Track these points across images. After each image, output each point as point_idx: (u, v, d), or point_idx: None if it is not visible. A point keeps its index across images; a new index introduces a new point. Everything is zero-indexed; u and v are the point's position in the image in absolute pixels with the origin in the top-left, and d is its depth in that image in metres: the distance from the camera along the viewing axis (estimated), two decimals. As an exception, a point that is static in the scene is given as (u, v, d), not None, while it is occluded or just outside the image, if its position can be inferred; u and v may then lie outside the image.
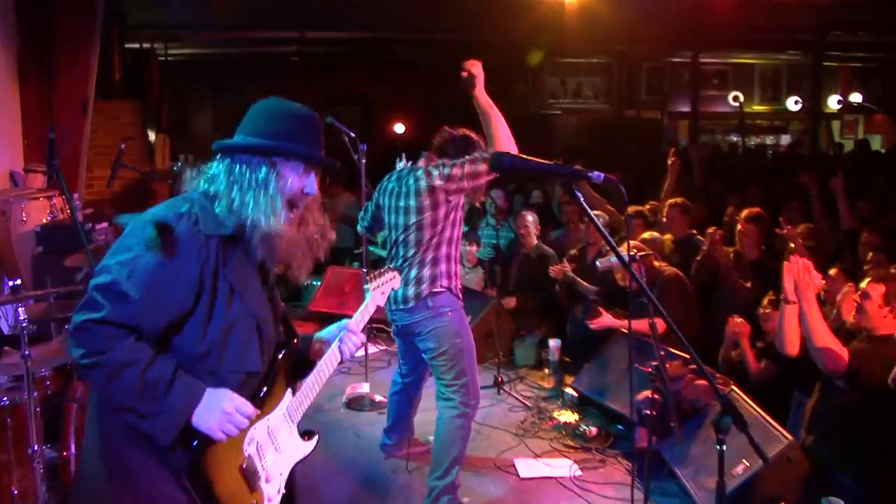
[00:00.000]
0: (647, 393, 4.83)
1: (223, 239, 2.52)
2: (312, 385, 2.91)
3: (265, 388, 2.71)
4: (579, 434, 5.67)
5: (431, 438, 5.17)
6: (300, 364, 2.94)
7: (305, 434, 2.91)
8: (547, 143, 18.33)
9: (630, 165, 12.28)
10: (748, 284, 6.40)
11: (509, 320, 7.56)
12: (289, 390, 2.84)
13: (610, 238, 2.63)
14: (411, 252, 4.70)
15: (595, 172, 2.45)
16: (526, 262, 8.05)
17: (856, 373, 4.14)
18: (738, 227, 6.72)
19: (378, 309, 3.22)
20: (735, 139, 20.32)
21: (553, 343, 7.02)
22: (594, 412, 6.07)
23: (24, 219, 6.76)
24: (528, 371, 7.23)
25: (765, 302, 5.67)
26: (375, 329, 8.03)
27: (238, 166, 2.57)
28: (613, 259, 4.96)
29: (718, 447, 2.50)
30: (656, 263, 6.46)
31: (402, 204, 4.72)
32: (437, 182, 4.55)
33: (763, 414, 4.60)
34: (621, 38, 16.81)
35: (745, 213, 6.74)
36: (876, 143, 19.52)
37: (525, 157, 2.47)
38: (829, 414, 4.39)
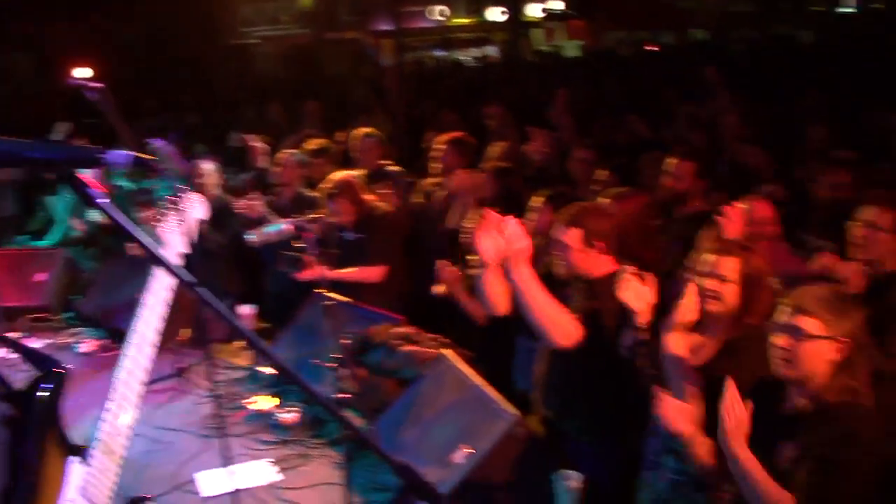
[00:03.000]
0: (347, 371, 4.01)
1: None
2: None
3: None
4: (275, 424, 4.61)
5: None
6: None
7: None
8: (244, 75, 16.94)
9: (329, 93, 11.28)
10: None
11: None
12: None
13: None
14: None
15: (117, 152, 1.30)
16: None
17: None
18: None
19: None
20: (440, 54, 19.92)
21: (244, 310, 5.85)
22: (299, 392, 4.99)
23: None
24: (217, 347, 5.93)
25: None
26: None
27: None
28: (272, 229, 4.01)
29: None
30: (366, 198, 5.55)
31: None
32: None
33: (481, 386, 3.81)
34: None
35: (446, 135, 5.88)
36: (573, 49, 19.95)
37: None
38: (567, 384, 3.86)
